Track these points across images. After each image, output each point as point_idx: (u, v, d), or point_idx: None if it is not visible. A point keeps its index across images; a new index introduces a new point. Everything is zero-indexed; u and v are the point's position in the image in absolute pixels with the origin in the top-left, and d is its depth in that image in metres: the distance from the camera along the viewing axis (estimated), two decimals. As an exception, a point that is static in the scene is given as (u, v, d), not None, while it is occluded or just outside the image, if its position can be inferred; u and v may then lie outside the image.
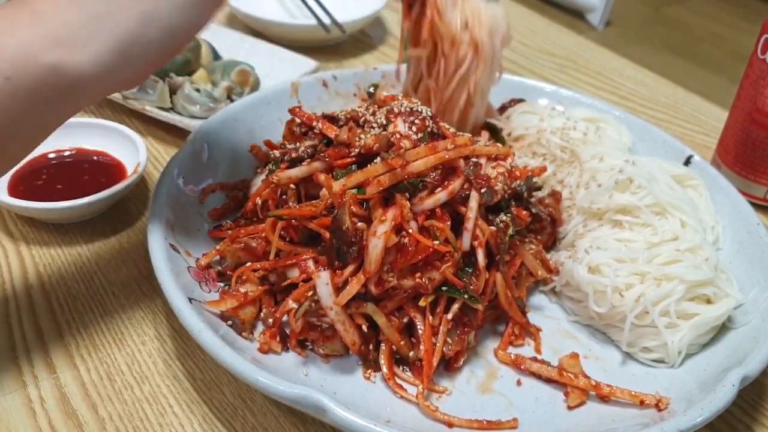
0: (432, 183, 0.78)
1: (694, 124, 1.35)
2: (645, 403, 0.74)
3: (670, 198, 0.89)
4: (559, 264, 0.89)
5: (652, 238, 0.85)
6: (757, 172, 1.10)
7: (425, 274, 0.75)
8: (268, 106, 1.06)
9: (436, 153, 0.77)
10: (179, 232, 0.84)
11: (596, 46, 1.64)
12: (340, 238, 0.73)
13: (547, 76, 1.47)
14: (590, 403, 0.76)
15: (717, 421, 0.75)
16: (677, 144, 1.07)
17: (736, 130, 1.11)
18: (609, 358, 0.83)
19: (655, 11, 4.02)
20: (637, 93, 1.44)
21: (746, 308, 0.83)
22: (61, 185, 0.96)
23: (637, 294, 0.80)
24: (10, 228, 0.95)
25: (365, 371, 0.77)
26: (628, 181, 0.90)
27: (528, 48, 1.59)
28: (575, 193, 0.94)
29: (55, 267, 0.90)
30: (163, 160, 1.10)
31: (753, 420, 0.79)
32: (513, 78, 1.20)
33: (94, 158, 1.01)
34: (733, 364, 0.74)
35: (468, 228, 0.78)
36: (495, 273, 0.80)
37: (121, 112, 1.19)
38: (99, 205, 0.93)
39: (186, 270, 0.81)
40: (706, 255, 0.84)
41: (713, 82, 3.03)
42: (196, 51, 1.23)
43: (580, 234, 0.90)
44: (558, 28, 1.73)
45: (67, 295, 0.86)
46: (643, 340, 0.81)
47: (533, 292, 0.91)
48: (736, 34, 3.66)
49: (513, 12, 1.74)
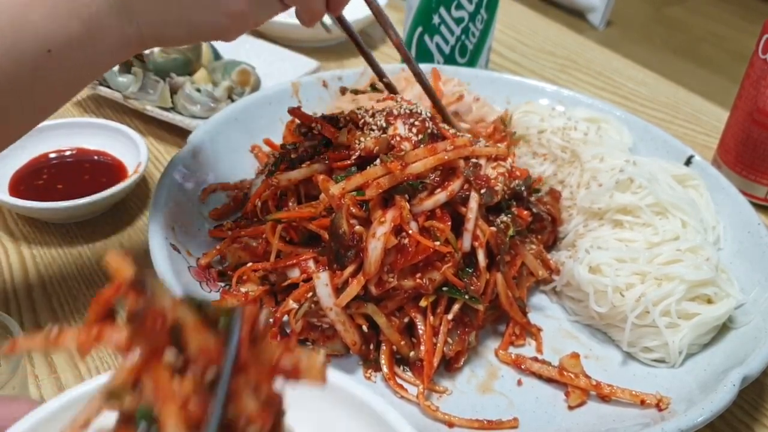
0: (432, 184, 0.78)
1: (694, 124, 1.35)
2: (646, 402, 0.74)
3: (671, 198, 0.89)
4: (559, 264, 0.89)
5: (652, 237, 0.85)
6: (757, 172, 1.09)
7: (426, 274, 0.75)
8: (269, 106, 1.06)
9: (435, 154, 0.77)
10: (180, 232, 0.84)
11: (597, 46, 1.64)
12: (338, 242, 0.73)
13: (548, 76, 1.47)
14: (591, 403, 0.76)
15: (717, 421, 0.75)
16: (678, 144, 1.07)
17: (736, 130, 1.11)
18: (610, 358, 0.83)
19: (656, 11, 4.02)
20: (638, 93, 1.44)
21: (747, 308, 0.83)
22: (62, 185, 0.96)
23: (638, 294, 0.80)
24: (11, 227, 0.95)
25: (366, 371, 0.77)
26: (629, 181, 0.90)
27: (528, 48, 1.59)
28: (576, 193, 0.94)
29: (55, 267, 0.90)
30: (164, 159, 1.10)
31: (754, 420, 0.78)
32: (513, 78, 1.20)
33: (94, 158, 1.02)
34: (734, 364, 0.74)
35: (468, 228, 0.78)
36: (495, 273, 0.80)
37: (122, 111, 1.19)
38: (100, 205, 0.93)
39: (187, 270, 0.81)
40: (706, 255, 0.84)
41: (714, 82, 3.03)
42: (197, 51, 1.23)
43: (581, 234, 0.90)
44: (559, 27, 1.73)
45: (68, 294, 0.86)
46: (643, 340, 0.81)
47: (534, 292, 0.91)
48: (737, 34, 3.66)
49: (514, 12, 1.74)
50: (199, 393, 0.37)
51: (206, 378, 0.37)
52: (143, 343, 0.37)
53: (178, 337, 0.37)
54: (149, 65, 1.16)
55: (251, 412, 0.38)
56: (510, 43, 1.58)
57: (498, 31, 1.32)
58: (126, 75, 1.15)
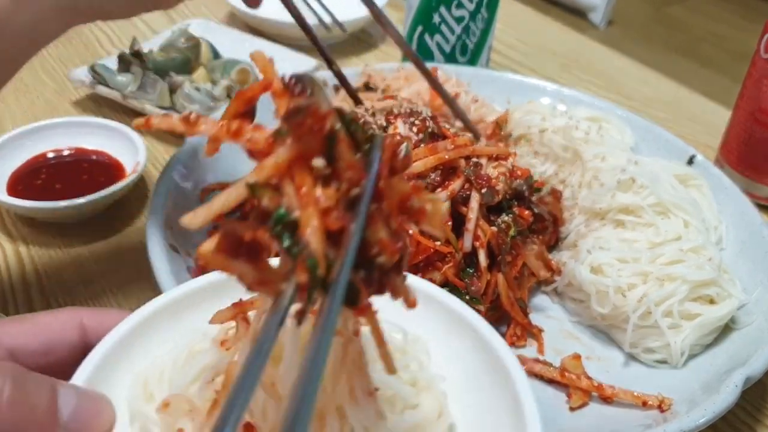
0: (432, 184, 0.78)
1: (696, 124, 1.34)
2: (648, 404, 0.74)
3: (673, 198, 0.88)
4: (561, 264, 0.88)
5: (654, 238, 0.85)
6: (760, 172, 1.09)
7: (426, 274, 0.74)
8: (268, 105, 1.05)
9: (435, 154, 0.77)
10: (178, 233, 0.84)
11: (598, 45, 1.64)
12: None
13: (549, 75, 1.47)
14: (593, 405, 0.76)
15: (720, 423, 0.74)
16: (680, 143, 1.06)
17: (739, 129, 1.10)
18: (611, 359, 0.82)
19: (657, 10, 4.02)
20: (640, 92, 1.43)
21: (749, 309, 0.83)
22: (60, 184, 0.96)
23: (640, 294, 0.80)
24: (8, 227, 0.95)
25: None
26: (631, 181, 0.89)
27: (529, 47, 1.58)
28: (577, 192, 0.94)
29: (53, 267, 0.89)
30: (163, 159, 1.09)
31: (756, 421, 0.78)
32: (514, 77, 1.20)
33: (93, 158, 1.01)
34: (737, 364, 0.74)
35: (469, 228, 0.77)
36: (497, 274, 0.79)
37: (121, 111, 1.18)
38: (98, 205, 0.93)
39: (185, 270, 0.80)
40: (709, 255, 0.83)
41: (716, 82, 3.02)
42: (196, 50, 1.22)
43: (583, 234, 0.90)
44: (560, 27, 1.73)
45: (66, 295, 0.85)
46: (645, 341, 0.80)
47: (535, 293, 0.90)
48: (738, 34, 3.65)
49: (514, 11, 1.74)
50: (339, 208, 0.36)
51: (349, 194, 0.36)
52: (296, 144, 0.35)
53: (331, 145, 0.36)
54: (148, 64, 1.16)
55: (383, 239, 0.36)
56: (511, 42, 1.57)
57: (499, 30, 1.32)
58: (125, 74, 1.15)
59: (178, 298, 0.51)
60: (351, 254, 0.34)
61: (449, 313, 0.52)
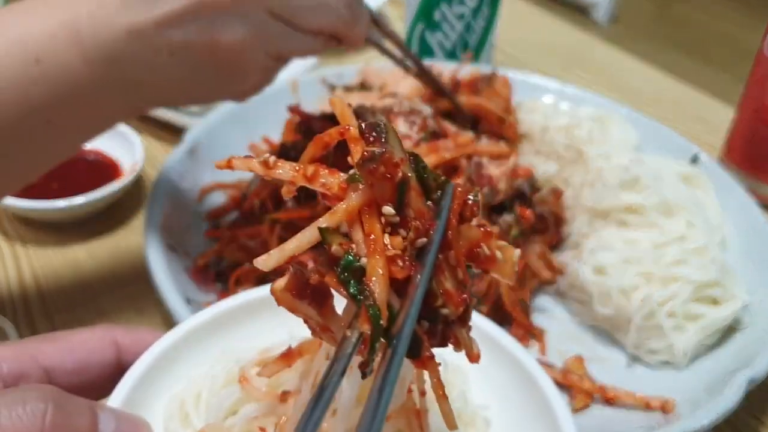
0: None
1: (700, 123, 1.33)
2: (650, 405, 0.73)
3: (677, 197, 0.87)
4: (563, 265, 0.87)
5: (658, 238, 0.84)
6: (764, 170, 1.08)
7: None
8: (267, 104, 1.05)
9: (436, 152, 0.76)
10: (177, 232, 0.83)
11: (601, 43, 1.63)
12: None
13: (552, 73, 1.46)
14: (595, 406, 0.75)
15: (723, 424, 0.74)
16: (684, 142, 1.05)
17: (743, 128, 1.10)
18: (614, 360, 0.81)
19: (660, 8, 4.01)
20: (643, 91, 1.42)
21: (753, 309, 0.82)
22: (57, 184, 0.95)
23: (643, 295, 0.79)
24: (5, 228, 0.95)
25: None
26: (634, 180, 0.88)
27: (532, 45, 1.57)
28: (580, 192, 0.93)
29: (51, 267, 0.89)
30: (161, 159, 1.08)
31: (759, 423, 0.77)
32: (517, 75, 1.19)
33: (90, 157, 1.00)
34: (740, 366, 0.73)
35: (470, 228, 0.76)
36: (498, 274, 0.79)
37: (120, 110, 1.18)
38: (95, 205, 0.92)
39: (183, 270, 0.80)
40: (712, 255, 0.82)
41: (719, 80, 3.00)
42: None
43: (585, 234, 0.89)
44: (562, 24, 1.72)
45: (63, 295, 0.85)
46: (648, 342, 0.80)
47: (537, 294, 0.89)
48: (742, 32, 3.64)
49: (517, 8, 1.73)
50: (406, 256, 0.36)
51: (416, 243, 0.36)
52: (368, 190, 0.36)
53: (402, 193, 0.36)
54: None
55: (449, 290, 0.36)
56: (513, 39, 1.56)
57: (500, 27, 1.31)
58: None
59: (212, 318, 0.52)
60: (416, 306, 0.35)
61: (489, 341, 0.52)
